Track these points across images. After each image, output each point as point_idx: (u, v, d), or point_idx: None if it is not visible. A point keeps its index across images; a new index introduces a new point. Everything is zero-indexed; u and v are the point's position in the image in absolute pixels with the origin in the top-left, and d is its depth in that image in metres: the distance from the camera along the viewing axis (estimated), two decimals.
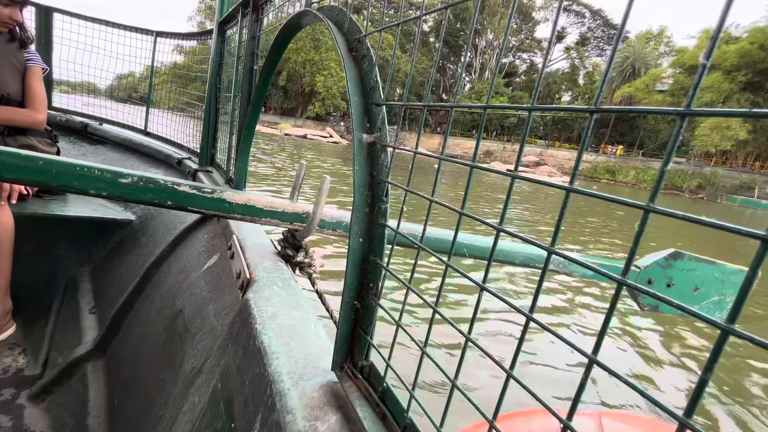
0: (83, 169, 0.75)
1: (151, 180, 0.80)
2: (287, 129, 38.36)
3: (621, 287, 0.25)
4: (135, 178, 0.78)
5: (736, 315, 0.20)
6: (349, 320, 0.53)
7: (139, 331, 1.21)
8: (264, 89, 1.14)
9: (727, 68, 31.71)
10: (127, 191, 0.78)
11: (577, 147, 17.51)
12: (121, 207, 1.94)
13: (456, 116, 45.38)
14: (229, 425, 0.59)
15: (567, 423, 0.28)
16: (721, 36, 0.21)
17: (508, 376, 0.32)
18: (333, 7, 0.63)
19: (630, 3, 0.26)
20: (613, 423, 1.27)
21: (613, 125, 41.19)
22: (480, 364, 2.65)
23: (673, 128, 0.22)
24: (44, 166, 0.74)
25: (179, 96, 2.71)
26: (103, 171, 0.76)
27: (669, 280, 0.98)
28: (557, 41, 52.87)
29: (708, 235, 10.35)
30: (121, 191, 0.78)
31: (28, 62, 1.75)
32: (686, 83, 33.99)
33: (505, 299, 0.35)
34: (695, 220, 0.22)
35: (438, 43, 43.37)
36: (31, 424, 1.17)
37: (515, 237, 0.33)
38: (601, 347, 0.25)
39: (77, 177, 0.75)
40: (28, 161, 0.73)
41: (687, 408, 0.21)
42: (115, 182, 0.77)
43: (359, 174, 0.51)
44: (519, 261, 1.07)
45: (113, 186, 0.77)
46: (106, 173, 0.76)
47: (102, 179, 0.76)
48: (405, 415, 0.43)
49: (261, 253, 0.92)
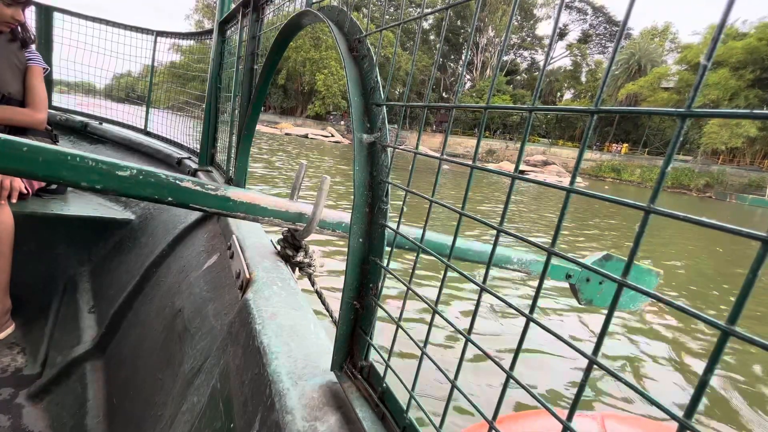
0: (75, 159, 0.68)
1: (152, 174, 0.74)
2: (288, 128, 38.05)
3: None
4: (134, 171, 0.72)
5: (737, 316, 0.20)
6: (349, 320, 0.53)
7: (138, 331, 1.21)
8: (264, 89, 1.14)
9: (734, 65, 31.11)
10: (125, 185, 0.72)
11: (577, 146, 17.38)
12: (120, 206, 1.94)
13: (457, 115, 45.30)
14: (228, 425, 0.59)
15: (567, 424, 0.28)
16: (722, 37, 0.21)
17: (508, 376, 0.32)
18: (333, 7, 0.63)
19: (631, 3, 0.26)
20: (616, 425, 1.26)
21: (617, 123, 40.92)
22: (480, 365, 2.65)
23: (677, 126, 0.22)
24: (29, 153, 0.66)
25: (178, 95, 2.71)
26: (99, 162, 0.69)
27: (601, 279, 1.13)
28: (559, 38, 52.86)
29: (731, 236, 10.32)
30: (118, 185, 0.71)
31: (29, 62, 1.75)
32: (692, 80, 33.53)
33: (505, 300, 0.35)
34: (696, 221, 0.22)
35: (438, 43, 43.31)
36: (30, 424, 1.17)
37: (515, 237, 0.33)
38: (601, 348, 0.25)
39: (68, 167, 0.68)
40: (8, 147, 0.65)
41: (687, 409, 0.21)
42: (111, 175, 0.70)
43: (359, 174, 0.51)
44: (513, 266, 1.08)
45: (109, 179, 0.70)
46: (101, 164, 0.70)
47: (97, 171, 0.69)
48: (404, 416, 0.43)
49: (261, 253, 0.92)
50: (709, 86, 30.70)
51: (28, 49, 1.77)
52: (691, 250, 8.44)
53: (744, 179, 30.54)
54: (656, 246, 8.14)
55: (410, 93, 3.32)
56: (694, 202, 26.36)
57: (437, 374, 2.45)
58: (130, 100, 2.92)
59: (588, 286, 1.13)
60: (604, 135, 42.53)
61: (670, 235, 9.72)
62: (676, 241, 9.17)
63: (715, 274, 6.63)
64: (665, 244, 8.63)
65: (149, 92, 2.77)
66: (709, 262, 7.54)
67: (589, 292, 1.14)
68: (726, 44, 30.62)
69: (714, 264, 7.47)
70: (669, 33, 43.95)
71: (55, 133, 1.91)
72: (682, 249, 8.40)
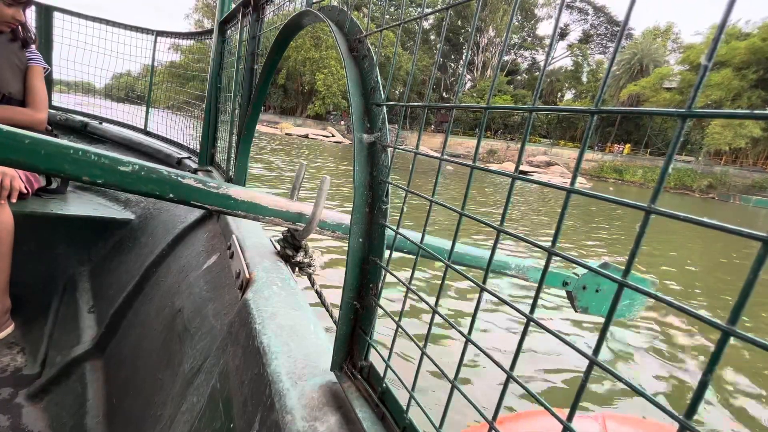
0: (78, 153, 0.68)
1: (154, 170, 0.75)
2: (288, 128, 37.73)
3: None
4: (136, 166, 0.73)
5: (737, 316, 0.19)
6: (349, 320, 0.53)
7: (138, 331, 1.21)
8: (264, 89, 1.14)
9: (737, 65, 30.72)
10: (127, 180, 0.72)
11: (579, 146, 17.23)
12: (120, 206, 1.94)
13: (458, 115, 45.08)
14: (227, 425, 0.59)
15: (567, 424, 0.28)
16: (723, 37, 0.21)
17: (508, 377, 0.32)
18: (334, 7, 0.63)
19: (632, 3, 0.26)
20: (617, 426, 1.26)
21: (619, 124, 40.56)
22: (481, 365, 2.65)
23: (677, 126, 0.22)
24: (30, 145, 0.66)
25: (177, 95, 2.71)
26: (101, 156, 0.70)
27: (598, 286, 1.13)
28: (560, 38, 52.70)
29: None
30: (120, 180, 0.71)
31: (29, 62, 1.75)
32: (694, 81, 33.08)
33: (506, 300, 0.35)
34: (696, 221, 0.22)
35: (439, 43, 43.05)
36: (30, 424, 1.17)
37: (515, 237, 0.33)
38: (601, 348, 0.25)
39: (70, 161, 0.68)
40: (10, 139, 0.65)
41: (687, 409, 0.21)
42: (113, 169, 0.71)
43: (359, 174, 0.51)
44: (512, 272, 1.08)
45: (111, 173, 0.71)
46: (103, 159, 0.70)
47: (98, 165, 0.70)
48: (404, 416, 0.43)
49: (260, 253, 0.92)
50: (711, 87, 30.37)
51: (29, 49, 1.77)
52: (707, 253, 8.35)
53: (747, 180, 30.26)
54: (649, 254, 8.12)
55: (411, 93, 3.30)
56: (697, 203, 26.09)
57: (438, 374, 2.44)
58: (129, 100, 2.92)
59: (584, 293, 1.13)
60: (605, 136, 42.20)
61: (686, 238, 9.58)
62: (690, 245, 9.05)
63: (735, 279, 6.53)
64: (677, 248, 8.52)
65: (149, 92, 2.77)
66: (728, 267, 7.46)
67: (585, 299, 1.14)
68: (729, 44, 30.26)
69: (731, 268, 7.38)
70: (671, 33, 43.71)
71: (55, 133, 1.91)
72: (703, 252, 8.27)
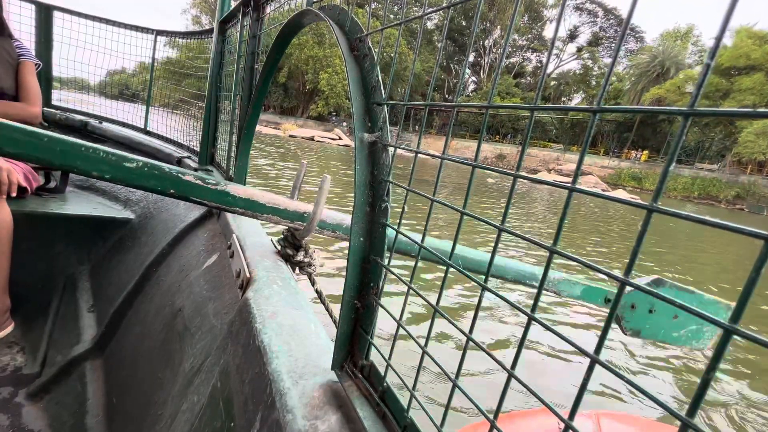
0: (89, 150, 0.75)
1: (156, 167, 0.80)
2: (292, 130, 36.06)
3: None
4: (140, 163, 0.78)
5: (740, 315, 0.20)
6: (350, 319, 0.53)
7: (138, 330, 1.20)
8: (264, 89, 1.14)
9: None
10: (131, 176, 0.78)
11: (596, 152, 16.90)
12: (120, 206, 1.94)
13: (464, 117, 44.38)
14: (228, 424, 0.59)
15: (568, 422, 0.28)
16: (724, 37, 0.21)
17: (510, 375, 0.32)
18: (334, 6, 0.63)
19: (633, 4, 0.26)
20: (611, 423, 1.27)
21: (636, 129, 38.27)
22: (481, 364, 2.65)
23: (701, 131, 0.22)
24: (49, 143, 0.72)
25: (174, 93, 2.70)
26: (108, 153, 0.76)
27: (651, 306, 0.97)
28: (569, 41, 52.27)
29: None
30: (125, 175, 0.77)
31: (20, 57, 1.75)
32: (720, 84, 30.50)
33: (507, 299, 0.35)
34: (699, 219, 0.22)
35: (440, 42, 43.05)
36: (29, 423, 1.17)
37: (516, 236, 0.33)
38: (603, 347, 0.25)
39: (82, 157, 0.74)
40: (32, 137, 0.71)
41: (689, 407, 0.21)
42: (119, 165, 0.77)
43: (360, 173, 0.51)
44: (511, 277, 1.04)
45: (117, 169, 0.77)
46: (111, 156, 0.76)
47: (106, 161, 0.76)
48: (405, 415, 0.43)
49: (261, 252, 0.92)
50: (743, 91, 29.04)
51: (19, 44, 1.77)
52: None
53: None
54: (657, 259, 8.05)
55: (416, 94, 3.31)
56: (724, 214, 24.00)
57: (438, 373, 2.45)
58: (124, 97, 2.91)
59: (634, 313, 0.96)
60: (622, 141, 39.68)
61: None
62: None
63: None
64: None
65: (149, 92, 2.76)
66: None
67: (635, 320, 0.97)
68: (762, 48, 28.90)
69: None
70: (691, 35, 42.15)
71: (51, 129, 1.92)
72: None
